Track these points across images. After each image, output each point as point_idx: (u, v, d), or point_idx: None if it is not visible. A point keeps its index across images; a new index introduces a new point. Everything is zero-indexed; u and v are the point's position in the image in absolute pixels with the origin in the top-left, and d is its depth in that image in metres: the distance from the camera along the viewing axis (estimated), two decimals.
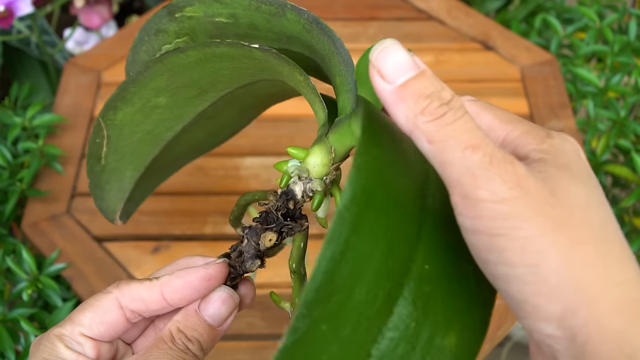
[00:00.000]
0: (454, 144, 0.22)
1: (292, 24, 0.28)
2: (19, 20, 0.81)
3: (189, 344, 0.29)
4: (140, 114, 0.30)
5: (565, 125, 0.69)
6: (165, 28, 0.29)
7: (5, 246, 0.58)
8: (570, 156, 0.23)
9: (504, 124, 0.25)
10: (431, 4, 0.84)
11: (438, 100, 0.22)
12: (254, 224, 0.31)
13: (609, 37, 0.76)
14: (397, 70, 0.23)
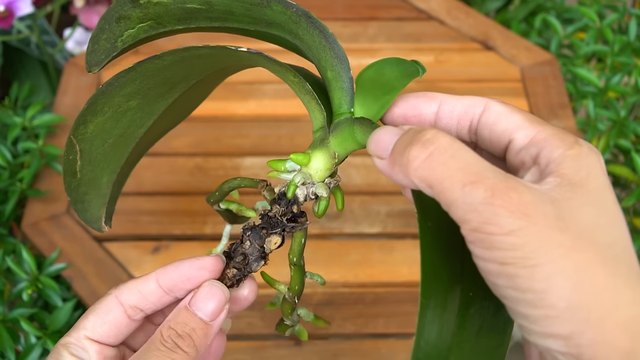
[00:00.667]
0: (451, 183, 0.22)
1: (277, 14, 0.27)
2: (19, 20, 0.81)
3: (179, 340, 0.28)
4: (111, 120, 0.30)
5: (565, 125, 0.69)
6: (127, 14, 0.28)
7: (5, 246, 0.58)
8: (591, 170, 0.23)
9: (533, 124, 0.25)
10: (431, 4, 0.84)
11: (418, 142, 0.23)
12: (256, 226, 0.31)
13: (609, 37, 0.76)
14: (385, 145, 0.25)
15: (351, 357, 0.54)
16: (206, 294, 0.30)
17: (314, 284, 0.58)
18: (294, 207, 0.30)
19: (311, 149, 0.30)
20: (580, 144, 0.24)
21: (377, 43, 0.79)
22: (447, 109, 0.28)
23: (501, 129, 0.26)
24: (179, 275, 0.30)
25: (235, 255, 0.31)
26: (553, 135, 0.24)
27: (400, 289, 0.58)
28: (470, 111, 0.27)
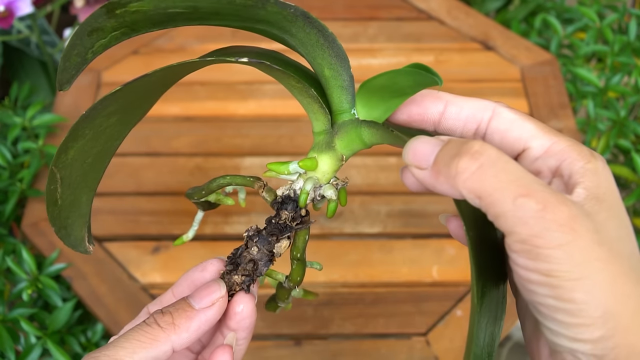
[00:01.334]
0: (503, 195, 0.22)
1: (270, 14, 0.27)
2: (19, 20, 0.81)
3: (159, 316, 0.29)
4: (91, 141, 0.30)
5: (565, 125, 0.69)
6: (101, 26, 0.28)
7: (5, 246, 0.58)
8: (608, 184, 0.25)
9: (548, 134, 0.26)
10: (431, 4, 0.84)
11: (467, 153, 0.23)
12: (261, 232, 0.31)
13: (609, 37, 0.76)
14: (426, 155, 0.24)
15: (351, 357, 0.54)
16: (203, 286, 0.31)
17: (314, 284, 0.58)
18: (302, 211, 0.31)
19: (316, 152, 0.30)
20: (596, 157, 0.25)
21: (377, 43, 0.79)
22: (453, 110, 0.28)
23: (514, 137, 0.26)
24: (186, 281, 0.32)
25: (242, 261, 0.31)
26: (570, 148, 0.25)
27: (400, 289, 0.58)
28: (479, 115, 0.27)
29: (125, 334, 0.29)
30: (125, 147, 0.69)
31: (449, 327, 0.56)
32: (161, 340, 0.28)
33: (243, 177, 0.33)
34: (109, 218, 0.63)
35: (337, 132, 0.29)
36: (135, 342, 0.28)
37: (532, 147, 0.26)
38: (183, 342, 0.29)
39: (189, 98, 0.73)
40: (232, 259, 0.31)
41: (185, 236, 0.36)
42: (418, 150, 0.25)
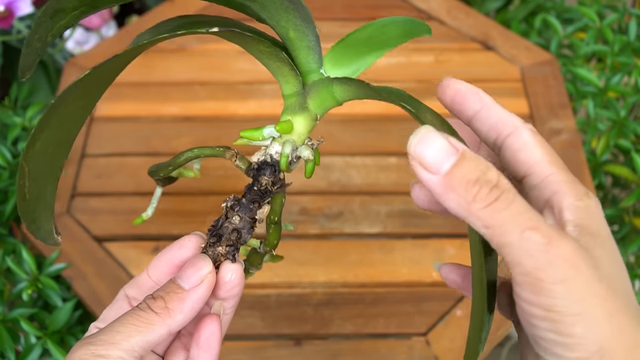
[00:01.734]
0: (512, 227, 0.23)
1: None
2: (19, 20, 0.81)
3: (151, 301, 0.29)
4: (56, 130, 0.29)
5: (565, 125, 0.69)
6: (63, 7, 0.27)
7: (5, 246, 0.58)
8: (599, 221, 0.25)
9: (550, 165, 0.26)
10: (431, 4, 0.84)
11: (487, 185, 0.23)
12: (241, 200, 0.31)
13: (609, 37, 0.76)
14: (438, 159, 0.24)
15: (351, 357, 0.54)
16: (188, 264, 0.30)
17: (314, 284, 0.58)
18: (280, 175, 0.31)
19: (290, 114, 0.30)
20: (589, 197, 0.25)
21: None
22: (484, 115, 0.28)
23: (522, 159, 0.27)
24: (162, 261, 0.31)
25: (225, 232, 0.31)
26: (566, 183, 0.26)
27: (400, 289, 0.58)
28: (500, 127, 0.28)
29: (119, 318, 0.28)
30: (125, 147, 0.69)
31: (449, 327, 0.56)
32: (157, 325, 0.28)
33: (212, 148, 0.32)
34: (109, 218, 0.63)
35: (309, 92, 0.30)
36: (131, 327, 0.28)
37: (533, 173, 0.26)
38: (179, 324, 0.29)
39: (189, 98, 0.73)
40: (214, 231, 0.31)
41: (144, 214, 0.35)
42: (430, 148, 0.24)
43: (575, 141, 0.68)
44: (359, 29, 0.28)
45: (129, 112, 0.72)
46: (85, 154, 0.68)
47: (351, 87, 0.28)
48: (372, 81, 0.28)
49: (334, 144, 0.69)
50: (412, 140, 0.24)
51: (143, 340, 0.28)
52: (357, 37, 0.28)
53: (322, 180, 0.66)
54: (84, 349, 0.27)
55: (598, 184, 0.72)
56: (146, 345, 0.28)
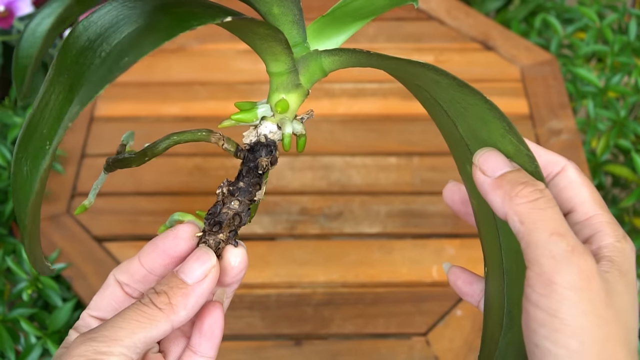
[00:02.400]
0: (543, 227, 0.25)
1: None
2: (19, 20, 0.81)
3: (154, 296, 0.28)
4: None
5: (565, 125, 0.69)
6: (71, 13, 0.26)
7: (5, 246, 0.58)
8: (631, 264, 0.27)
9: (595, 205, 0.29)
10: (431, 4, 0.84)
11: (532, 186, 0.26)
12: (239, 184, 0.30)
13: (609, 37, 0.76)
14: (496, 166, 0.28)
15: (351, 357, 0.54)
16: (191, 257, 0.29)
17: (314, 284, 0.58)
18: (276, 153, 0.30)
19: (284, 92, 0.29)
20: (627, 240, 0.28)
21: (377, 43, 0.79)
22: None
23: (567, 196, 0.29)
24: (155, 251, 0.30)
25: (225, 219, 0.30)
26: (608, 224, 0.28)
27: (400, 289, 0.58)
28: (549, 168, 0.30)
29: (121, 313, 0.28)
30: None
31: (449, 327, 0.56)
32: (160, 321, 0.28)
33: (193, 133, 0.31)
34: (109, 218, 0.63)
35: (299, 68, 0.29)
36: (134, 323, 0.27)
37: (578, 211, 0.29)
38: (182, 320, 0.28)
39: (189, 98, 0.73)
40: (212, 219, 0.30)
41: (87, 202, 0.33)
42: (492, 158, 0.28)
43: (575, 141, 0.68)
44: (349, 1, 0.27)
45: (129, 112, 0.72)
46: (85, 154, 0.68)
47: (342, 57, 0.29)
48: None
49: (334, 144, 0.69)
50: (478, 153, 0.28)
51: (146, 337, 0.27)
52: (346, 9, 0.28)
53: (322, 180, 0.66)
54: (85, 345, 0.27)
55: (598, 184, 0.72)
56: (149, 341, 0.28)
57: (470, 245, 0.61)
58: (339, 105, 0.72)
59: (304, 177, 0.66)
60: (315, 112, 0.32)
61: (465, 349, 0.54)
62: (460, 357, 0.54)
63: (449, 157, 0.31)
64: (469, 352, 0.54)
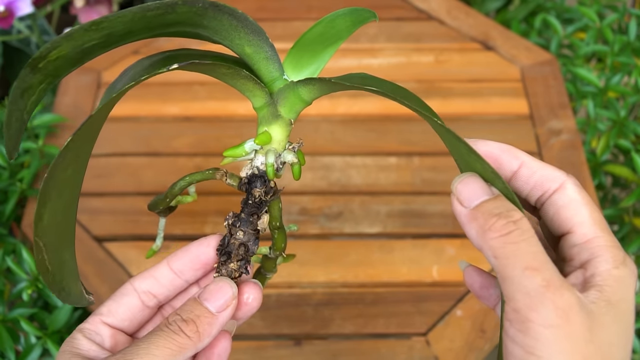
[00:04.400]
0: (516, 262, 0.24)
1: (180, 15, 0.28)
2: (19, 20, 0.81)
3: (183, 324, 0.29)
4: (56, 200, 0.30)
5: (565, 125, 0.69)
6: (29, 84, 0.28)
7: (5, 246, 0.58)
8: (626, 293, 0.26)
9: (595, 226, 0.27)
10: (431, 4, 0.84)
11: (505, 218, 0.25)
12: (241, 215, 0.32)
13: (609, 37, 0.76)
14: (472, 196, 0.26)
15: (351, 357, 0.54)
16: (214, 287, 0.31)
17: (314, 284, 0.58)
18: (271, 184, 0.32)
19: (266, 125, 0.31)
20: (626, 264, 0.26)
21: (377, 43, 0.79)
22: (525, 173, 0.28)
23: (566, 216, 0.27)
24: (188, 255, 0.33)
25: (233, 249, 0.32)
26: (608, 248, 0.26)
27: (400, 289, 0.58)
28: (546, 185, 0.28)
29: (153, 340, 0.29)
30: (125, 147, 0.69)
31: (449, 327, 0.56)
32: (189, 348, 0.29)
33: (202, 173, 0.34)
34: (109, 218, 0.63)
35: (278, 100, 0.31)
36: (167, 350, 0.28)
37: (576, 233, 0.27)
38: (204, 345, 0.30)
39: (189, 98, 0.73)
40: (223, 250, 0.32)
41: (154, 246, 0.37)
42: (469, 186, 0.27)
43: (575, 141, 0.68)
44: (310, 28, 0.29)
45: (129, 112, 0.72)
46: None
47: (315, 86, 0.29)
48: None
49: (334, 144, 0.69)
50: (455, 180, 0.27)
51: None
52: (309, 36, 0.29)
53: (322, 180, 0.66)
54: None
55: (598, 184, 0.72)
56: None
57: (470, 246, 0.61)
58: (339, 105, 0.72)
59: (303, 177, 0.66)
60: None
61: (465, 349, 0.54)
62: (460, 357, 0.54)
63: (449, 157, 0.31)
64: (469, 352, 0.54)
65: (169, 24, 0.28)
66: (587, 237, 0.27)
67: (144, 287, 0.32)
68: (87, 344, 0.30)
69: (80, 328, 0.31)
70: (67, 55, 0.28)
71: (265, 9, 0.84)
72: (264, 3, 0.85)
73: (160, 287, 0.32)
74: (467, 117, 0.70)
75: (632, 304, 0.26)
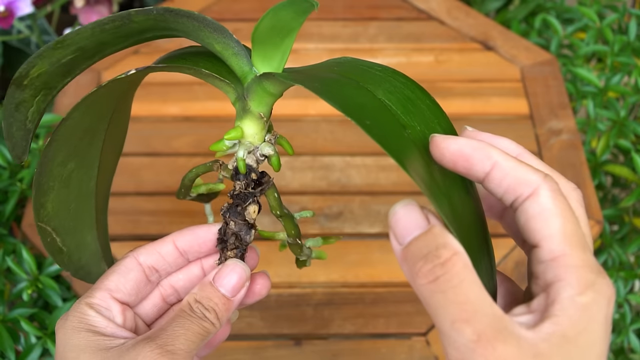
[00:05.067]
0: (445, 314, 0.22)
1: (142, 23, 0.29)
2: (19, 20, 0.81)
3: (207, 312, 0.31)
4: (62, 190, 0.32)
5: (565, 125, 0.69)
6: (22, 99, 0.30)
7: (5, 246, 0.58)
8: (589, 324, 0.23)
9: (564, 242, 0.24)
10: (431, 4, 0.84)
11: (431, 262, 0.22)
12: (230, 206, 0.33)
13: (609, 37, 0.76)
14: (404, 231, 0.24)
15: (351, 357, 0.55)
16: (229, 271, 0.32)
17: (314, 283, 0.58)
18: (252, 175, 0.32)
19: (238, 120, 0.32)
20: (595, 289, 0.23)
21: (377, 43, 0.79)
22: (497, 175, 0.25)
23: (535, 228, 0.24)
24: (195, 238, 0.33)
25: (227, 237, 0.33)
26: (575, 269, 0.23)
27: (400, 289, 0.58)
28: (518, 190, 0.25)
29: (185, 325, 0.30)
30: (125, 147, 0.69)
31: None
32: (212, 333, 0.31)
33: (204, 165, 0.35)
34: (109, 218, 0.62)
35: (248, 95, 0.31)
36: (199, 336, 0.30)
37: (543, 248, 0.24)
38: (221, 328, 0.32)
39: (188, 98, 0.73)
40: (221, 239, 0.33)
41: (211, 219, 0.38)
42: (403, 219, 0.24)
43: (575, 141, 0.68)
44: (259, 22, 0.29)
45: None
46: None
47: (276, 79, 0.30)
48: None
49: (334, 144, 0.69)
50: (391, 210, 0.25)
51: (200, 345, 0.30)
52: (262, 30, 0.29)
53: (322, 180, 0.66)
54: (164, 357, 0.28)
55: (598, 184, 0.72)
56: None
57: None
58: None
59: (304, 177, 0.66)
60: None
61: None
62: None
63: None
64: None
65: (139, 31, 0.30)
66: (554, 254, 0.24)
67: (148, 263, 0.33)
68: (102, 320, 0.30)
69: (90, 303, 0.31)
70: (49, 71, 0.29)
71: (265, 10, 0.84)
72: (264, 3, 0.85)
73: (165, 264, 0.33)
74: (467, 117, 0.70)
75: (600, 334, 0.23)
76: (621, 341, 0.64)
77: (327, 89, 0.27)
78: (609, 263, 0.67)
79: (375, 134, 0.24)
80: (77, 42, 0.28)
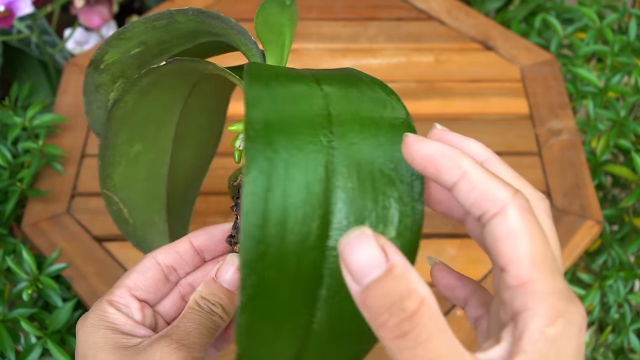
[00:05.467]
0: None
1: (185, 24, 0.31)
2: (19, 20, 0.81)
3: (214, 307, 0.32)
4: (130, 168, 0.34)
5: (565, 125, 0.69)
6: (100, 82, 0.32)
7: (5, 246, 0.58)
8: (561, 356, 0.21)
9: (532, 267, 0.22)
10: (431, 4, 0.84)
11: (398, 316, 0.20)
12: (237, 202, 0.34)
13: (609, 37, 0.76)
14: (361, 270, 0.20)
15: None
16: (230, 267, 0.33)
17: None
18: None
19: None
20: (566, 318, 0.21)
21: (377, 43, 0.79)
22: (465, 187, 0.23)
23: (501, 250, 0.22)
24: (210, 237, 0.35)
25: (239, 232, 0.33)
26: (543, 297, 0.21)
27: None
28: (486, 205, 0.23)
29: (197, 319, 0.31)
30: None
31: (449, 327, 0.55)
32: (221, 326, 0.32)
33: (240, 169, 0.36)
34: (109, 218, 0.62)
35: None
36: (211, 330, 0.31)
37: (510, 273, 0.22)
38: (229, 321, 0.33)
39: None
40: (231, 234, 0.34)
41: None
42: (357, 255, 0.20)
43: (575, 141, 0.68)
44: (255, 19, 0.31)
45: None
46: (85, 154, 0.68)
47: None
48: None
49: None
50: (342, 239, 0.21)
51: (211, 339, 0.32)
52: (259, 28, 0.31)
53: None
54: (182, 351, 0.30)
55: (598, 184, 0.72)
56: None
57: (470, 246, 0.61)
58: None
59: None
60: None
61: None
62: None
63: None
64: None
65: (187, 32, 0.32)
66: (521, 280, 0.22)
67: (166, 262, 0.34)
68: (122, 317, 0.31)
69: (110, 300, 0.32)
70: (122, 60, 0.32)
71: None
72: None
73: (182, 262, 0.34)
74: (467, 117, 0.70)
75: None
76: (621, 341, 0.64)
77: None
78: (609, 263, 0.67)
79: None
80: (137, 36, 0.30)
